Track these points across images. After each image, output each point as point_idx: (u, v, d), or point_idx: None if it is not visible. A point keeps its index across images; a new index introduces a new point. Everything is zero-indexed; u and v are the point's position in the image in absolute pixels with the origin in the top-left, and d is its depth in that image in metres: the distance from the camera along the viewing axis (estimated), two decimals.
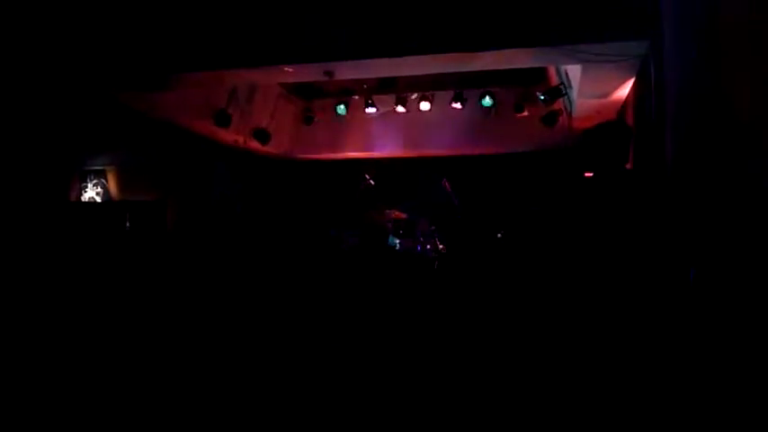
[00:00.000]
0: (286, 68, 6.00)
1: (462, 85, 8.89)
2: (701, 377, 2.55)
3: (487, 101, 8.82)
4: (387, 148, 10.15)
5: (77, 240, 6.86)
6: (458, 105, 8.98)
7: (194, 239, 8.65)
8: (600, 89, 6.43)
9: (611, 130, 2.99)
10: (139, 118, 7.68)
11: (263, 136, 9.22)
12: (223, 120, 8.23)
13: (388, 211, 8.79)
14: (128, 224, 7.59)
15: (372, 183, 9.23)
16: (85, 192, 9.53)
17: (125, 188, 9.54)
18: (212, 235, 8.81)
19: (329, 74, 6.11)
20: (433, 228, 8.67)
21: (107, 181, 9.57)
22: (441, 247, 8.44)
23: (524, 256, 6.75)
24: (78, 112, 6.82)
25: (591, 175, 3.02)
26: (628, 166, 3.02)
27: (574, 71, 6.60)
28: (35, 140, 6.23)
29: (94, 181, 9.57)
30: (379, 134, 10.07)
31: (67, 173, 8.46)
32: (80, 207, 8.83)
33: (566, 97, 7.56)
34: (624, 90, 6.45)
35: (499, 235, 7.91)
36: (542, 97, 7.55)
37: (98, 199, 9.50)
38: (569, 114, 8.03)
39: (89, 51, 5.98)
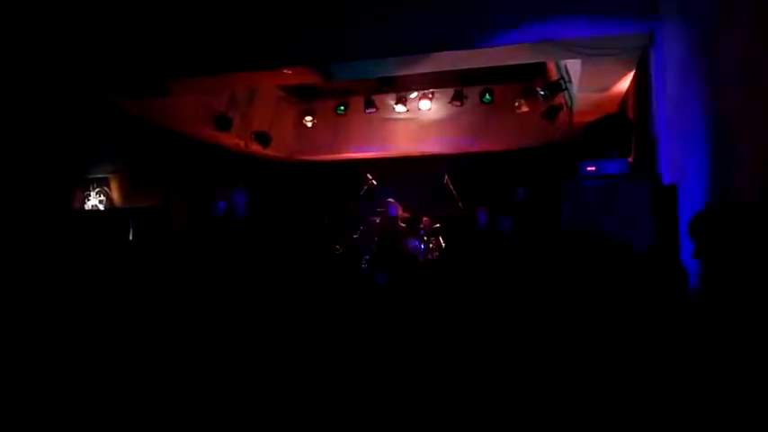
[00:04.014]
0: (285, 71, 5.99)
1: (462, 82, 8.87)
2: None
3: (487, 98, 8.82)
4: (388, 147, 10.15)
5: (81, 248, 6.86)
6: (458, 103, 8.97)
7: (197, 245, 8.64)
8: (600, 83, 6.40)
9: (613, 124, 2.99)
10: (141, 125, 7.68)
11: (264, 139, 9.22)
12: (224, 124, 8.22)
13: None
14: (131, 231, 7.58)
15: (375, 183, 9.23)
16: (88, 200, 9.54)
17: (128, 196, 9.55)
18: (216, 240, 8.80)
19: (328, 75, 6.10)
20: (437, 225, 8.67)
21: (110, 189, 9.58)
22: (443, 244, 8.43)
23: (527, 254, 6.70)
24: (79, 120, 6.83)
25: (593, 168, 3.02)
26: (629, 158, 3.01)
27: (573, 65, 6.57)
28: (37, 149, 6.25)
29: (97, 189, 9.57)
30: (380, 134, 10.06)
31: (70, 181, 8.47)
32: (83, 215, 8.84)
33: (566, 92, 7.54)
34: (624, 83, 6.43)
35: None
36: (542, 92, 7.53)
37: (101, 207, 9.51)
38: (570, 109, 8.00)
39: (89, 59, 5.99)
